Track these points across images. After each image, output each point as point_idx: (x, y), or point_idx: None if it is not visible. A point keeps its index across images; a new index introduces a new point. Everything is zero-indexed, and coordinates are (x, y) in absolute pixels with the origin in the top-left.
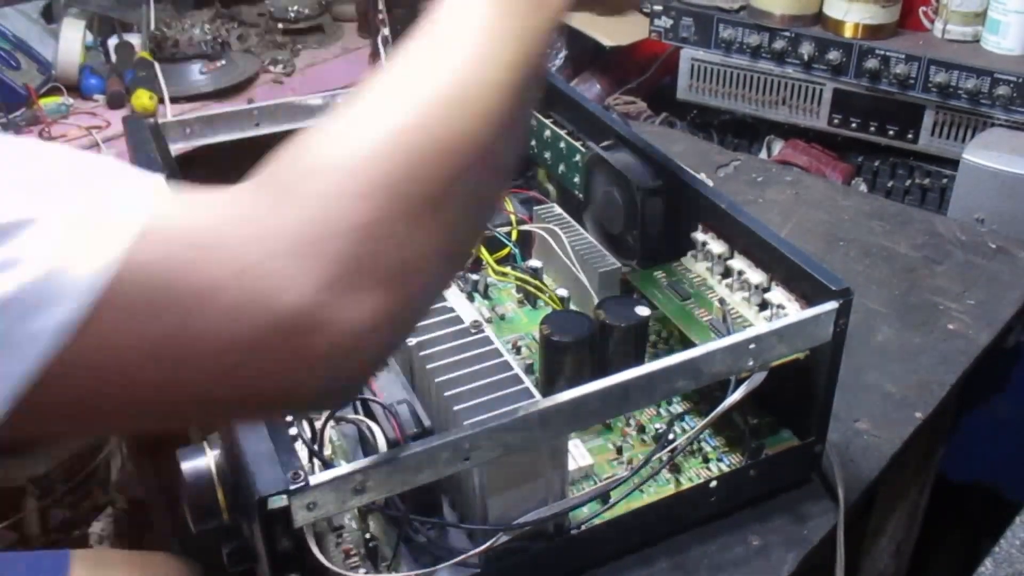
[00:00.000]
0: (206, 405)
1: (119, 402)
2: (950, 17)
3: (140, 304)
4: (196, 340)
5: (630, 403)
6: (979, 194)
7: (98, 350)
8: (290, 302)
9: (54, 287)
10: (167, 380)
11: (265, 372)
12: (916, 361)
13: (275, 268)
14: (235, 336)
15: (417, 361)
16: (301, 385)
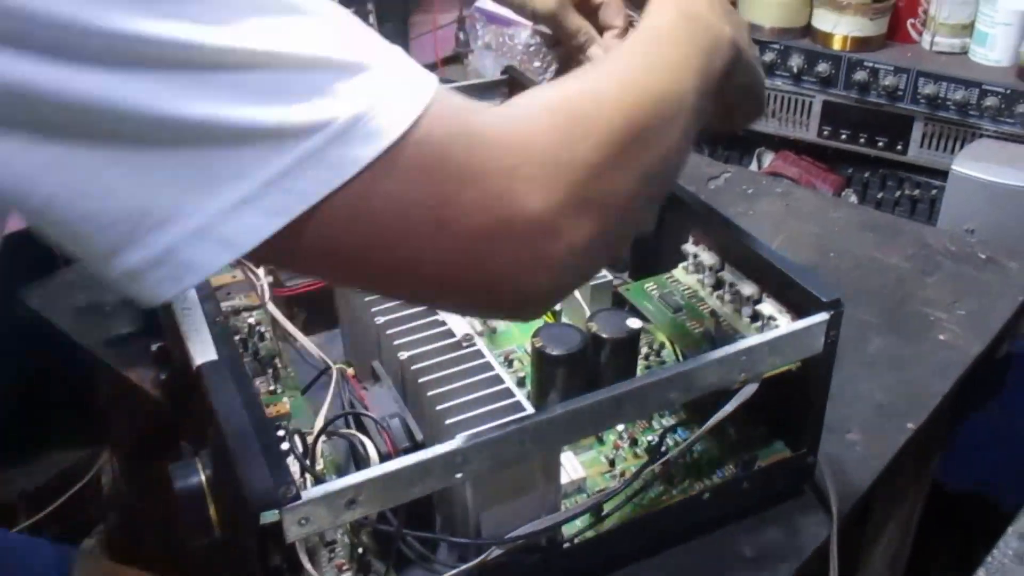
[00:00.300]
0: (445, 279)
1: (375, 248)
2: (938, 29)
3: (421, 164)
4: (458, 212)
5: (622, 415)
6: (968, 205)
7: (379, 195)
8: (538, 208)
9: (369, 127)
10: (423, 243)
11: (504, 260)
12: (908, 372)
13: (533, 176)
14: (488, 220)
15: (409, 375)
16: (529, 281)
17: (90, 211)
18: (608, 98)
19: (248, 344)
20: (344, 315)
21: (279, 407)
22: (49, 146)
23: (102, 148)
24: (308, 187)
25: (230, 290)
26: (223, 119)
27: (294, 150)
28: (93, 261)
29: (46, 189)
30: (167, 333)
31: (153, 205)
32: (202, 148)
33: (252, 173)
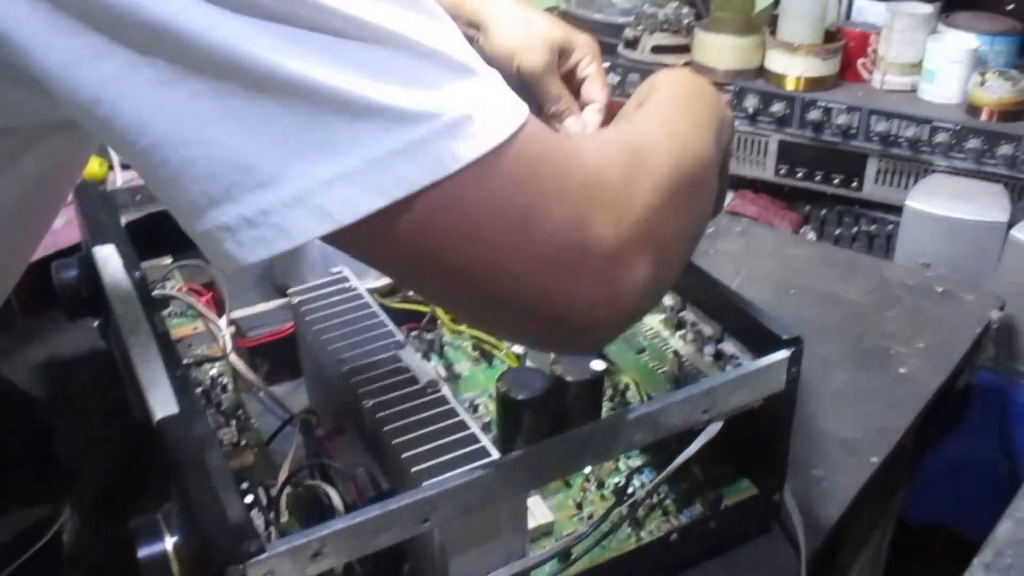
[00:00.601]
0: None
1: (457, 250)
2: (888, 68)
3: (514, 176)
4: (541, 228)
5: (588, 458)
6: (923, 239)
7: (471, 197)
8: (611, 239)
9: (473, 129)
10: (504, 252)
11: (577, 285)
12: (870, 406)
13: (606, 207)
14: (568, 242)
15: (373, 423)
16: (595, 310)
17: (196, 159)
18: (661, 146)
19: (210, 396)
20: (308, 364)
21: (242, 460)
22: (175, 87)
23: (224, 97)
24: (411, 173)
25: (191, 341)
26: (345, 88)
27: (404, 134)
28: (184, 212)
29: (160, 130)
30: (127, 386)
31: (259, 163)
32: (319, 114)
33: (361, 149)
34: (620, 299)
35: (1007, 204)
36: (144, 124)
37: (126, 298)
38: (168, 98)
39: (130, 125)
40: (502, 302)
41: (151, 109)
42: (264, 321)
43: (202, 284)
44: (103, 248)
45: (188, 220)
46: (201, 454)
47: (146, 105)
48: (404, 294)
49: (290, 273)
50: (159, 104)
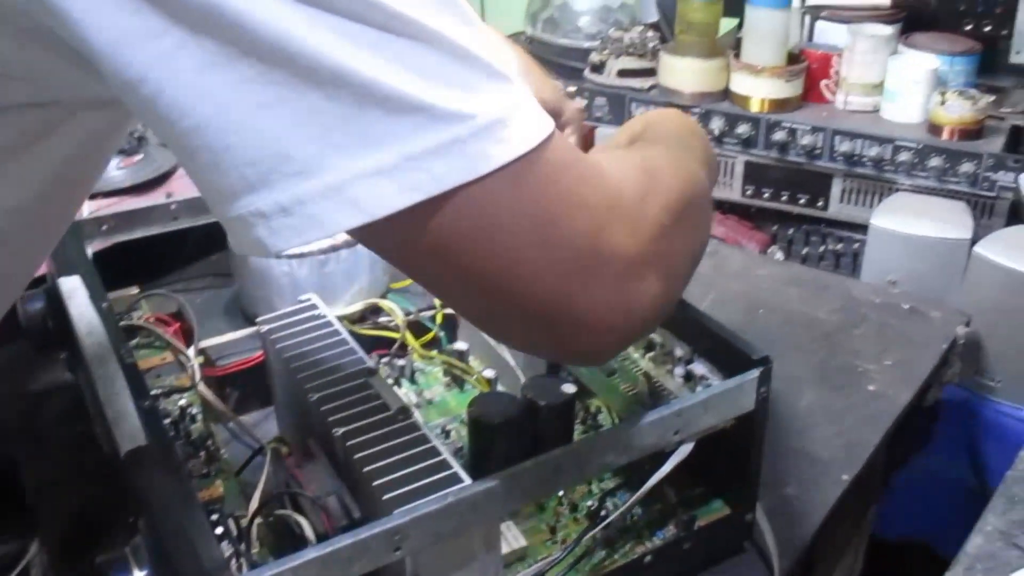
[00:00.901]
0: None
1: (481, 252)
2: (850, 89)
3: (541, 182)
4: (563, 234)
5: (561, 481)
6: (889, 257)
7: (500, 200)
8: (630, 250)
9: (506, 133)
10: (526, 256)
11: (594, 294)
12: (840, 424)
13: (624, 219)
14: (588, 250)
15: (344, 451)
16: (611, 319)
17: (237, 144)
18: (669, 170)
19: (179, 427)
20: (278, 393)
21: (212, 490)
22: (223, 71)
23: (271, 85)
24: (445, 172)
25: (160, 372)
26: (389, 84)
27: (441, 133)
28: (218, 196)
29: (204, 112)
30: (94, 418)
31: (299, 152)
32: (361, 107)
33: (399, 144)
34: (633, 309)
35: (970, 221)
36: (189, 106)
37: (93, 329)
38: (215, 81)
39: (174, 106)
40: (520, 305)
41: (197, 91)
42: (233, 350)
43: (169, 314)
44: (69, 279)
45: (221, 204)
46: (169, 486)
47: (193, 87)
48: (374, 320)
49: (259, 301)
50: (206, 87)
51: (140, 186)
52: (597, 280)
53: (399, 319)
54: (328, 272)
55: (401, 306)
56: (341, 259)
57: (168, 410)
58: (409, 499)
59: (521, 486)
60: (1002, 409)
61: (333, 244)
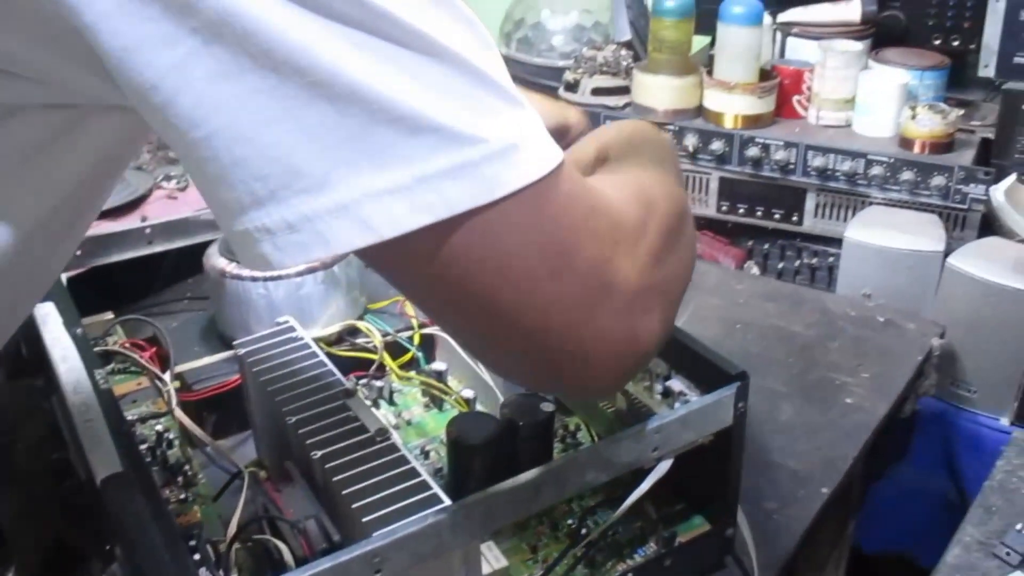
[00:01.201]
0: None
1: (488, 280)
2: (822, 104)
3: (552, 211)
4: (572, 265)
5: (541, 500)
6: (863, 271)
7: (511, 226)
8: (633, 283)
9: (519, 158)
10: (534, 286)
11: (599, 327)
12: (818, 437)
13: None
14: (596, 282)
15: (323, 474)
16: (615, 354)
17: (247, 157)
18: (661, 194)
19: (156, 453)
20: (255, 416)
21: (190, 516)
22: (235, 82)
23: (284, 98)
24: (457, 195)
25: (135, 397)
26: (404, 102)
27: (454, 155)
28: (225, 209)
29: (215, 123)
30: (69, 445)
31: (309, 168)
32: (375, 124)
33: (411, 164)
34: (639, 341)
35: (942, 233)
36: (200, 116)
37: (67, 355)
38: (227, 92)
39: (185, 115)
40: (526, 336)
41: (209, 102)
42: (210, 374)
43: (145, 339)
44: (43, 305)
45: (227, 218)
46: (146, 513)
47: (204, 97)
48: (352, 342)
49: (235, 324)
50: (218, 98)
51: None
52: (604, 312)
53: (377, 340)
54: (305, 294)
55: (378, 327)
56: (318, 281)
57: (145, 435)
58: (388, 521)
59: (501, 506)
60: (978, 419)
61: (310, 266)
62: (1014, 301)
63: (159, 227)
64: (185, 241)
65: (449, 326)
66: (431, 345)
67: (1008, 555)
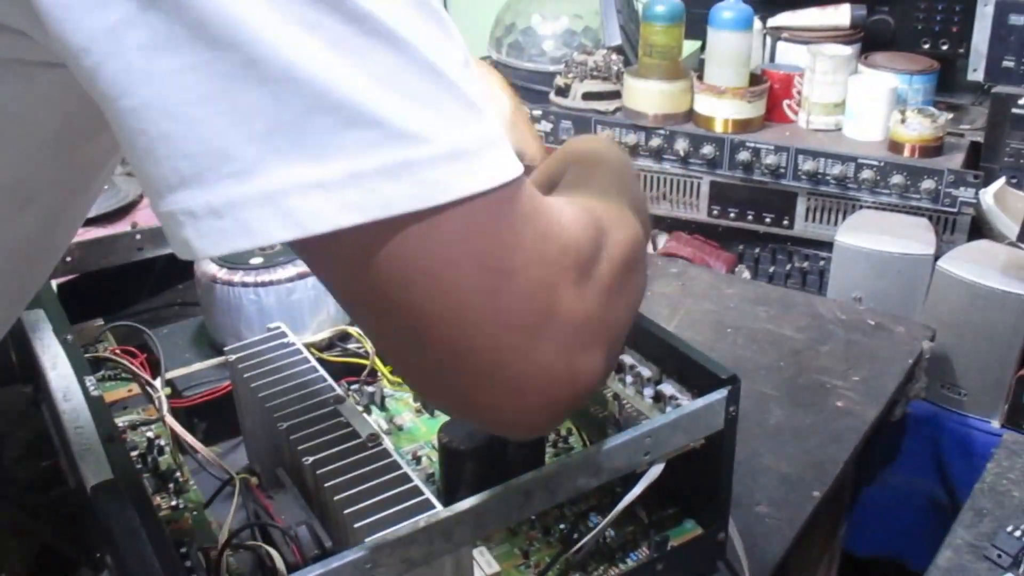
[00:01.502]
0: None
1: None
2: (812, 108)
3: (498, 227)
4: (515, 287)
5: (533, 505)
6: (854, 274)
7: (451, 236)
8: (578, 314)
9: (470, 166)
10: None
11: (540, 357)
12: (809, 441)
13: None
14: (538, 307)
15: (315, 480)
16: (554, 387)
17: (174, 133)
18: (617, 229)
19: (147, 459)
20: (246, 423)
21: (181, 523)
22: (168, 55)
23: (215, 77)
24: (392, 196)
25: (126, 404)
26: (343, 89)
27: (395, 152)
28: (152, 186)
29: (143, 95)
30: (59, 452)
31: (237, 152)
32: (310, 112)
33: (346, 158)
34: (578, 378)
35: (932, 237)
36: (129, 86)
37: (57, 362)
38: (159, 64)
39: (114, 83)
40: (457, 356)
41: (139, 72)
42: (201, 380)
43: (135, 345)
44: (32, 312)
45: (154, 196)
46: (137, 520)
47: (134, 67)
48: (343, 347)
49: (226, 330)
50: (148, 69)
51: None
52: (544, 342)
53: (368, 346)
54: (296, 300)
55: None
56: (308, 287)
57: (135, 442)
58: (380, 527)
59: (493, 511)
60: (968, 422)
61: (300, 272)
62: (1004, 304)
63: (149, 233)
64: None
65: (372, 334)
66: None
67: (999, 557)
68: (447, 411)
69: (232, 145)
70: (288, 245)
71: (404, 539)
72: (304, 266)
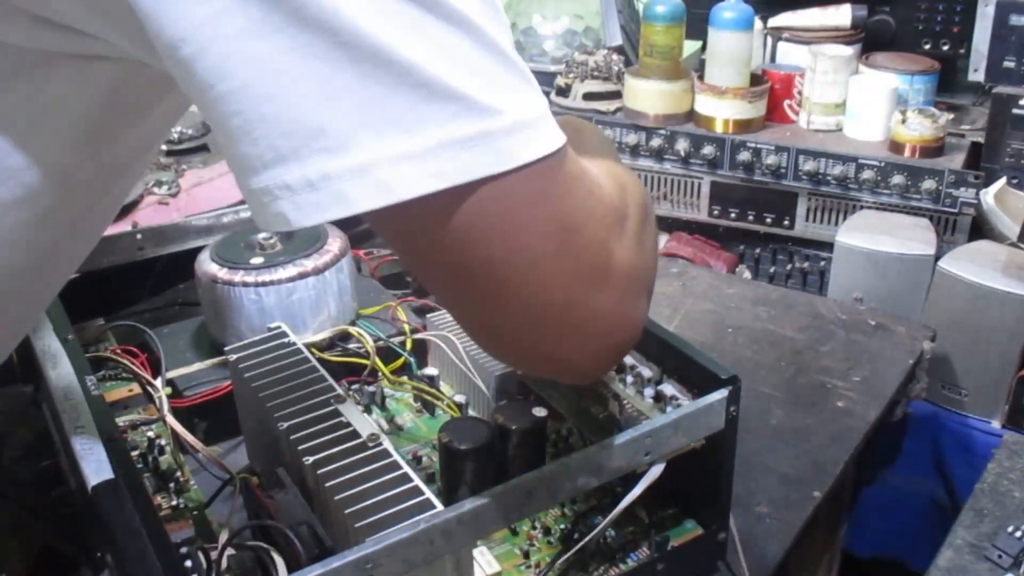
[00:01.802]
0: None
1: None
2: (813, 109)
3: (559, 187)
4: (577, 244)
5: (533, 505)
6: (854, 274)
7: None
8: (627, 264)
9: (532, 133)
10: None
11: (601, 305)
12: (810, 441)
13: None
14: (598, 260)
15: (315, 479)
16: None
17: (271, 114)
18: (633, 185)
19: (147, 459)
20: (247, 423)
21: (181, 523)
22: (264, 39)
23: (311, 58)
24: (472, 163)
25: (127, 404)
26: (428, 68)
27: (473, 124)
28: (245, 165)
29: (241, 79)
30: (59, 452)
31: (332, 128)
32: (398, 88)
33: (431, 130)
34: (631, 323)
35: (933, 237)
36: (227, 71)
37: (58, 362)
38: (256, 49)
39: (212, 69)
40: (526, 310)
41: (237, 57)
42: (201, 380)
43: (136, 345)
44: None
45: (247, 174)
46: (137, 520)
47: (233, 53)
48: (343, 347)
49: (227, 330)
50: (246, 53)
51: None
52: (604, 291)
53: (368, 345)
54: (296, 300)
55: (370, 332)
56: (309, 286)
57: (136, 442)
58: (381, 527)
59: (493, 511)
60: (969, 422)
61: (301, 272)
62: (1004, 304)
63: (150, 233)
64: (176, 247)
65: (449, 296)
66: (423, 350)
67: (1000, 558)
68: (516, 364)
69: (327, 121)
70: (373, 218)
71: (405, 539)
72: (304, 266)
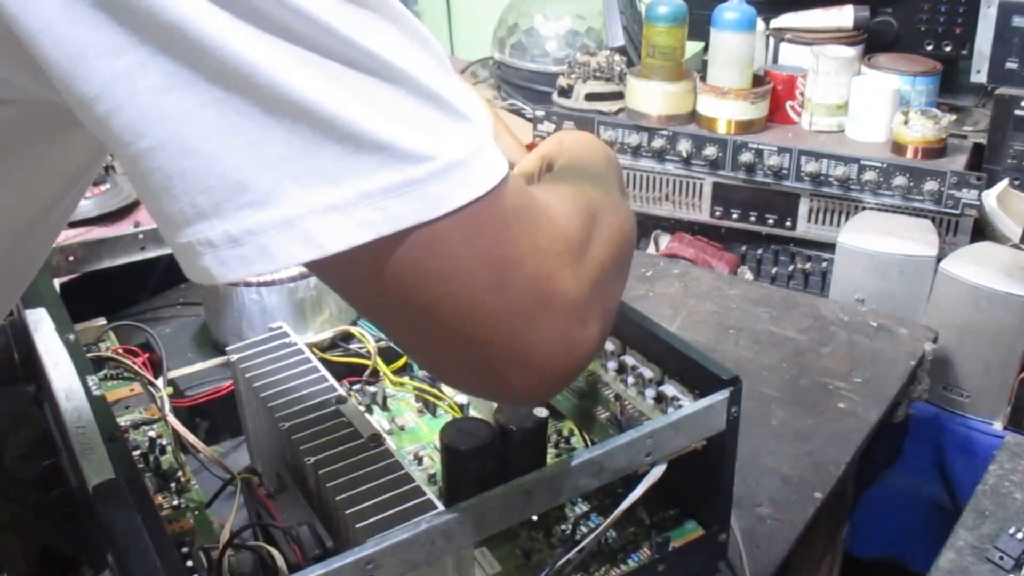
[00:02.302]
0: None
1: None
2: (815, 110)
3: (496, 225)
4: (515, 278)
5: (534, 506)
6: (856, 275)
7: (455, 241)
8: (573, 296)
9: (464, 174)
10: (479, 298)
11: (541, 338)
12: (811, 442)
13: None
14: (538, 295)
15: (316, 480)
16: (554, 363)
17: (191, 169)
18: (608, 211)
19: (148, 459)
20: (248, 422)
21: (182, 523)
22: (181, 94)
23: (229, 113)
24: (401, 211)
25: (128, 403)
26: (351, 119)
27: (400, 172)
28: (168, 221)
29: (159, 135)
30: (61, 452)
31: (254, 182)
32: (322, 141)
33: (357, 181)
34: (575, 353)
35: (935, 238)
36: (144, 127)
37: (59, 362)
38: (173, 105)
39: (129, 126)
40: (469, 347)
41: (154, 113)
42: (203, 380)
43: (138, 345)
44: (35, 311)
45: (170, 230)
46: (138, 520)
47: (149, 108)
48: (345, 348)
49: (228, 330)
50: (163, 109)
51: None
52: (545, 323)
53: (370, 346)
54: (298, 300)
55: (372, 332)
56: (311, 286)
57: (137, 442)
58: (382, 527)
59: (494, 512)
60: (971, 424)
61: (302, 272)
62: (1006, 306)
63: (151, 233)
64: None
65: (396, 338)
66: None
67: (1001, 559)
68: (461, 391)
69: (249, 176)
70: (308, 267)
71: (406, 540)
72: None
